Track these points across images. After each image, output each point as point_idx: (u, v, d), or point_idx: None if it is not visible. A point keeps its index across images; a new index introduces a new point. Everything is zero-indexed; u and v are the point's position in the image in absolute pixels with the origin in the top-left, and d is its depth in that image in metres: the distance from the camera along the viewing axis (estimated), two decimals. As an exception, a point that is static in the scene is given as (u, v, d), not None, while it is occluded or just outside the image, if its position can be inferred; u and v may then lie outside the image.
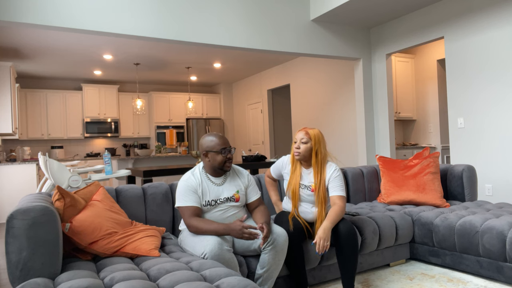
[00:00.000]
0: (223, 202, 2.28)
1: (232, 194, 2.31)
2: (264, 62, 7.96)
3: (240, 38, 4.73)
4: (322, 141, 2.45)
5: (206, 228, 2.10)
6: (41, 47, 6.12)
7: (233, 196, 2.31)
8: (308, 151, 2.44)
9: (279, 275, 2.43)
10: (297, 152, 2.46)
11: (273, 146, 8.73)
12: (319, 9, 5.08)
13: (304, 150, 2.44)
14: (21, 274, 1.66)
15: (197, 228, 2.12)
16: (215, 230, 2.09)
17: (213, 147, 2.25)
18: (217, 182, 2.31)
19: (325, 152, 2.47)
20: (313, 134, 2.43)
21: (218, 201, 2.26)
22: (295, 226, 2.39)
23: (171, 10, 4.32)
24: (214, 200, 2.26)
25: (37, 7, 3.66)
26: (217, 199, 2.27)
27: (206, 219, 2.19)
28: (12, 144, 8.01)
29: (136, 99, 7.80)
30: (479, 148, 4.49)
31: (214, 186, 2.29)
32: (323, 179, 2.43)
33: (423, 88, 6.63)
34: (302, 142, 2.44)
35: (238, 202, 2.32)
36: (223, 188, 2.30)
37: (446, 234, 2.78)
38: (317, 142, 2.43)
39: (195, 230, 2.14)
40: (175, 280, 1.59)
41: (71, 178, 3.82)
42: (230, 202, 2.30)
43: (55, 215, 1.76)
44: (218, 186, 2.30)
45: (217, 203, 2.26)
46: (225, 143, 2.28)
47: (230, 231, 2.07)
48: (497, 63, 4.26)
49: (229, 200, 2.30)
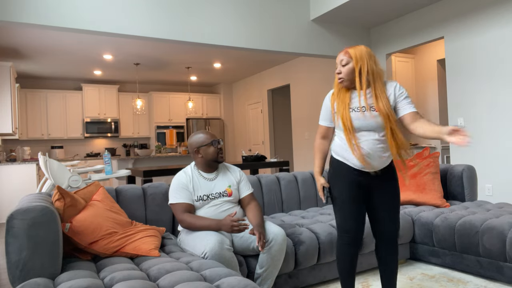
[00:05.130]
0: (216, 197, 2.31)
1: (225, 189, 2.35)
2: (264, 62, 7.96)
3: (240, 38, 4.73)
4: (368, 58, 1.96)
5: (198, 223, 2.16)
6: (41, 47, 6.11)
7: (226, 191, 2.34)
8: (351, 73, 1.98)
9: (280, 274, 2.43)
10: (340, 78, 2.01)
11: (273, 146, 8.73)
12: (319, 9, 5.08)
13: (347, 72, 1.98)
14: (21, 274, 1.66)
15: (190, 224, 2.17)
16: (207, 226, 2.14)
17: (203, 141, 2.33)
18: (209, 178, 2.36)
19: (377, 69, 1.98)
20: (354, 52, 1.97)
21: (210, 196, 2.30)
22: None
23: (171, 10, 4.32)
24: (206, 195, 2.30)
25: (37, 7, 3.66)
26: (209, 194, 2.30)
27: (198, 215, 2.24)
28: (12, 144, 8.01)
29: (136, 99, 7.80)
30: (479, 148, 4.49)
31: (206, 182, 2.34)
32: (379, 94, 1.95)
33: (423, 88, 6.63)
34: (343, 65, 1.99)
35: (231, 196, 2.35)
36: (215, 183, 2.35)
37: (446, 234, 2.78)
38: (360, 59, 1.96)
39: (187, 226, 2.19)
40: (175, 280, 1.59)
41: (71, 178, 3.82)
42: (223, 197, 2.33)
43: (55, 215, 1.76)
44: (210, 181, 2.35)
45: (209, 198, 2.30)
46: (213, 135, 2.38)
47: (222, 226, 2.13)
48: (497, 63, 4.26)
49: (222, 195, 2.33)
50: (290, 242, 2.44)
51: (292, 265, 2.43)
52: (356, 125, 1.96)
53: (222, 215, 2.29)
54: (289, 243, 2.43)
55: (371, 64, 1.96)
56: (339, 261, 2.08)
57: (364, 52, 1.97)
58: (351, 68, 1.98)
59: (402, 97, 1.98)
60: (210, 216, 2.27)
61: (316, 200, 3.39)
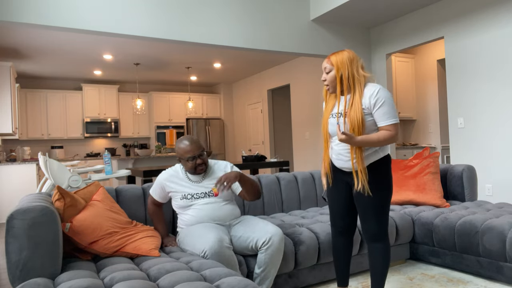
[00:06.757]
0: (201, 197, 2.34)
1: (210, 188, 2.37)
2: (264, 62, 7.96)
3: (240, 38, 4.73)
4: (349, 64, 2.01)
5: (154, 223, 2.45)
6: (41, 47, 6.11)
7: (211, 191, 2.37)
8: (334, 80, 2.05)
9: (279, 274, 2.43)
10: (326, 85, 2.10)
11: (273, 146, 8.73)
12: (319, 9, 5.08)
13: (330, 79, 2.06)
14: (21, 274, 1.66)
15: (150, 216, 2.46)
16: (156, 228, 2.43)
17: (181, 155, 2.36)
18: (195, 180, 2.40)
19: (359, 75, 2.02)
20: (336, 59, 2.03)
21: (195, 196, 2.34)
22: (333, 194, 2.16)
23: (171, 10, 4.32)
24: (191, 194, 2.34)
25: (37, 7, 3.66)
26: (194, 194, 2.34)
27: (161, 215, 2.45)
28: (12, 144, 8.01)
29: (136, 99, 7.80)
30: (479, 148, 4.49)
31: (191, 182, 2.38)
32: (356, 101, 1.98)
33: (423, 88, 6.63)
34: (326, 72, 2.08)
35: (218, 197, 2.37)
36: (201, 185, 2.38)
37: (446, 234, 2.78)
38: (341, 66, 2.01)
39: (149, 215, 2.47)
40: (175, 280, 1.59)
41: (71, 178, 3.82)
42: (209, 198, 2.34)
43: (55, 215, 1.76)
44: (196, 183, 2.38)
45: (194, 198, 2.33)
46: (193, 150, 2.34)
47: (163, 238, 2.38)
48: (497, 63, 4.26)
49: (208, 195, 2.35)
50: (290, 242, 2.44)
51: (292, 265, 2.43)
52: (330, 131, 2.11)
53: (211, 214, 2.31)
54: (289, 243, 2.43)
55: (352, 70, 2.01)
56: (332, 249, 2.29)
57: (345, 59, 2.02)
58: (333, 76, 2.05)
59: (377, 106, 1.98)
60: (207, 213, 2.30)
61: (316, 200, 3.39)
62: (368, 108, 1.99)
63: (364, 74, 2.04)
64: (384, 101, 1.96)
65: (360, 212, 2.09)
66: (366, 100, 1.99)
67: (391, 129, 1.97)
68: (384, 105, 1.96)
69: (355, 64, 2.03)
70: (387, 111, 1.96)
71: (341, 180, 2.15)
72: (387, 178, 2.06)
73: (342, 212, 2.19)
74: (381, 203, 2.04)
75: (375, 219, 2.05)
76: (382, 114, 1.97)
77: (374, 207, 2.04)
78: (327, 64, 2.06)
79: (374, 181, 2.03)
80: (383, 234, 2.07)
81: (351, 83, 2.01)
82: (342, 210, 2.18)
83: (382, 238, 2.07)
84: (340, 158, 2.09)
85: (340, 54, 2.04)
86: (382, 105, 1.96)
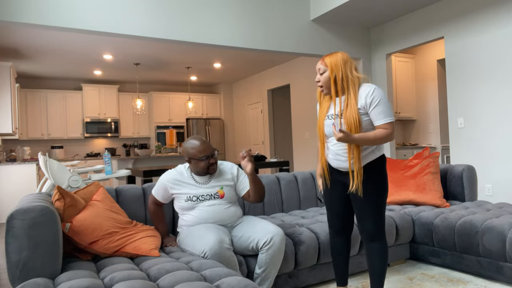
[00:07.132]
0: (207, 199, 2.32)
1: (216, 191, 2.35)
2: (264, 62, 7.96)
3: (240, 38, 4.73)
4: (343, 65, 2.03)
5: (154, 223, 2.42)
6: (41, 47, 6.11)
7: (217, 193, 2.34)
8: (328, 81, 2.06)
9: (279, 274, 2.43)
10: (320, 86, 2.11)
11: (273, 146, 8.73)
12: (319, 9, 5.08)
13: (324, 81, 2.07)
14: (21, 274, 1.66)
15: (150, 215, 2.44)
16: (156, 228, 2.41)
17: (194, 154, 2.30)
18: (201, 182, 2.37)
19: (353, 76, 2.03)
20: (330, 60, 2.05)
21: (200, 198, 2.31)
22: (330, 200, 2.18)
23: (171, 10, 4.32)
24: (196, 196, 2.31)
25: (37, 7, 3.66)
26: (199, 195, 2.32)
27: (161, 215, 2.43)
28: (12, 144, 8.01)
29: (136, 99, 7.80)
30: (479, 148, 4.49)
31: (196, 184, 2.35)
32: (351, 102, 2.00)
33: (423, 88, 6.63)
34: (320, 74, 2.09)
35: (223, 198, 2.35)
36: (207, 187, 2.35)
37: (446, 234, 2.78)
38: (335, 67, 2.03)
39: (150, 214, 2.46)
40: (175, 280, 1.59)
41: (71, 178, 3.82)
42: (215, 199, 2.32)
43: (55, 215, 1.76)
44: (202, 184, 2.35)
45: (199, 200, 2.31)
46: (206, 149, 2.31)
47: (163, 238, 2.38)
48: (497, 63, 4.26)
49: (213, 197, 2.33)
50: (290, 242, 2.44)
51: (292, 265, 2.43)
52: (327, 132, 2.11)
53: (214, 216, 2.29)
54: (289, 243, 2.43)
55: (345, 71, 2.03)
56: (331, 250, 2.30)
57: (339, 60, 2.04)
58: (327, 77, 2.06)
59: (373, 105, 1.99)
60: (209, 215, 2.28)
61: (316, 200, 3.39)
62: (364, 108, 2.01)
63: (358, 75, 2.06)
64: (380, 100, 1.99)
65: (357, 212, 2.10)
66: (361, 100, 2.01)
67: (387, 127, 1.99)
68: (380, 104, 1.99)
69: (348, 66, 2.05)
70: (383, 110, 1.99)
71: (338, 180, 2.16)
72: (382, 177, 2.07)
73: (339, 213, 2.20)
74: (377, 203, 2.05)
75: (372, 219, 2.06)
76: (378, 113, 1.99)
77: (370, 206, 2.04)
78: (321, 65, 2.08)
79: (370, 180, 2.03)
80: (380, 233, 2.08)
81: (345, 84, 2.03)
82: (339, 211, 2.19)
83: (379, 237, 2.08)
84: (337, 158, 2.09)
85: (334, 55, 2.07)
86: (378, 104, 1.99)
